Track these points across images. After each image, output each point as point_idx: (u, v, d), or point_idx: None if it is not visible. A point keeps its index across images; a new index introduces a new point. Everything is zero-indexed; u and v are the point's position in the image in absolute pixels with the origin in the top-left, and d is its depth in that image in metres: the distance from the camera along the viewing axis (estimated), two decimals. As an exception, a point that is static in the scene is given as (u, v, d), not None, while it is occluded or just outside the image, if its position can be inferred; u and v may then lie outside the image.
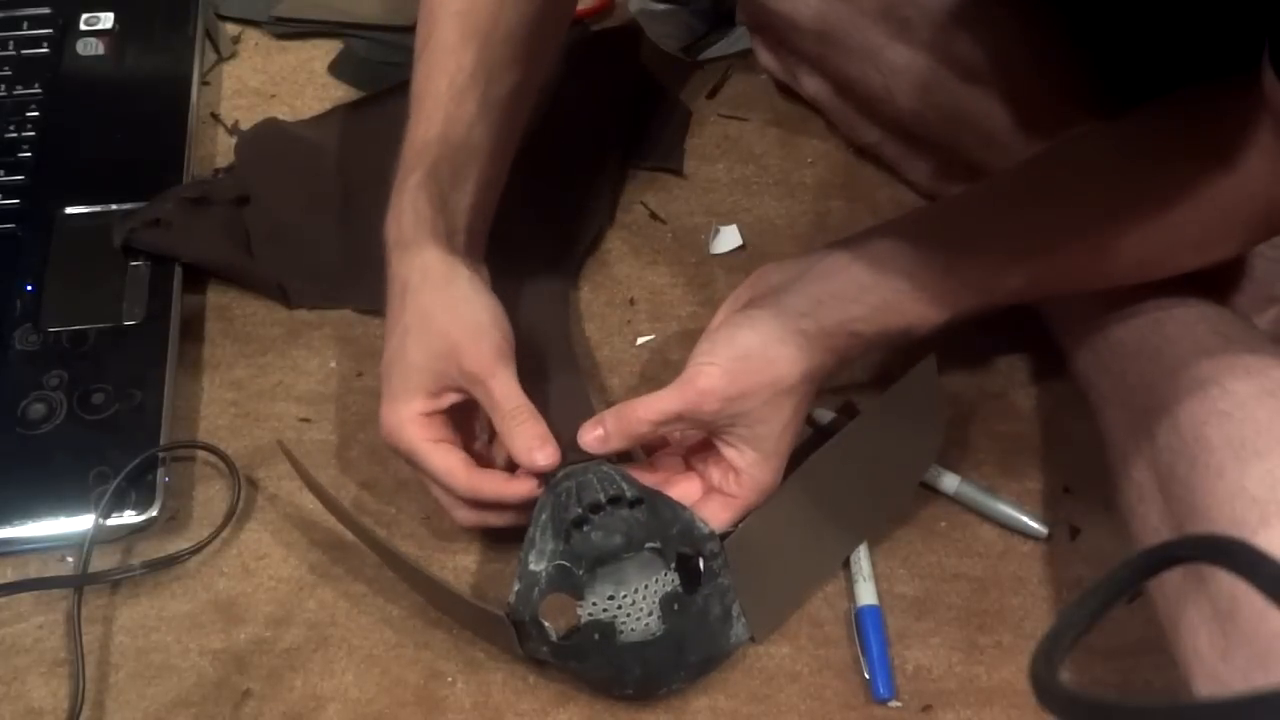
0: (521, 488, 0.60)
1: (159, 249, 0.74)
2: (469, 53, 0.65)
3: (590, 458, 0.60)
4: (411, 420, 0.60)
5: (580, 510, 0.57)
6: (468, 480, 0.59)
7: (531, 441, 0.59)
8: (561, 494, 0.58)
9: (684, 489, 0.62)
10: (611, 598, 0.58)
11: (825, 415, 0.69)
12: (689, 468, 0.64)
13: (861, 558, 0.64)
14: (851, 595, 0.64)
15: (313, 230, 0.78)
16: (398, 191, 0.64)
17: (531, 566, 0.58)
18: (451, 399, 0.61)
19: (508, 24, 0.65)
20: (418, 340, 0.60)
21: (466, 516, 0.62)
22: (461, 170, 0.65)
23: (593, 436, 0.60)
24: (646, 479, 0.61)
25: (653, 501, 0.59)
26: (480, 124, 0.65)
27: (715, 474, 0.62)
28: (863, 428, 0.64)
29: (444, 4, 0.66)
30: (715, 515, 0.61)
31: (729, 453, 0.60)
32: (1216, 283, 0.64)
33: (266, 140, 0.83)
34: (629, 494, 0.58)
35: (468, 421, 0.64)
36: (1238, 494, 0.50)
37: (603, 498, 0.58)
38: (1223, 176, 0.55)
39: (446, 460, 0.60)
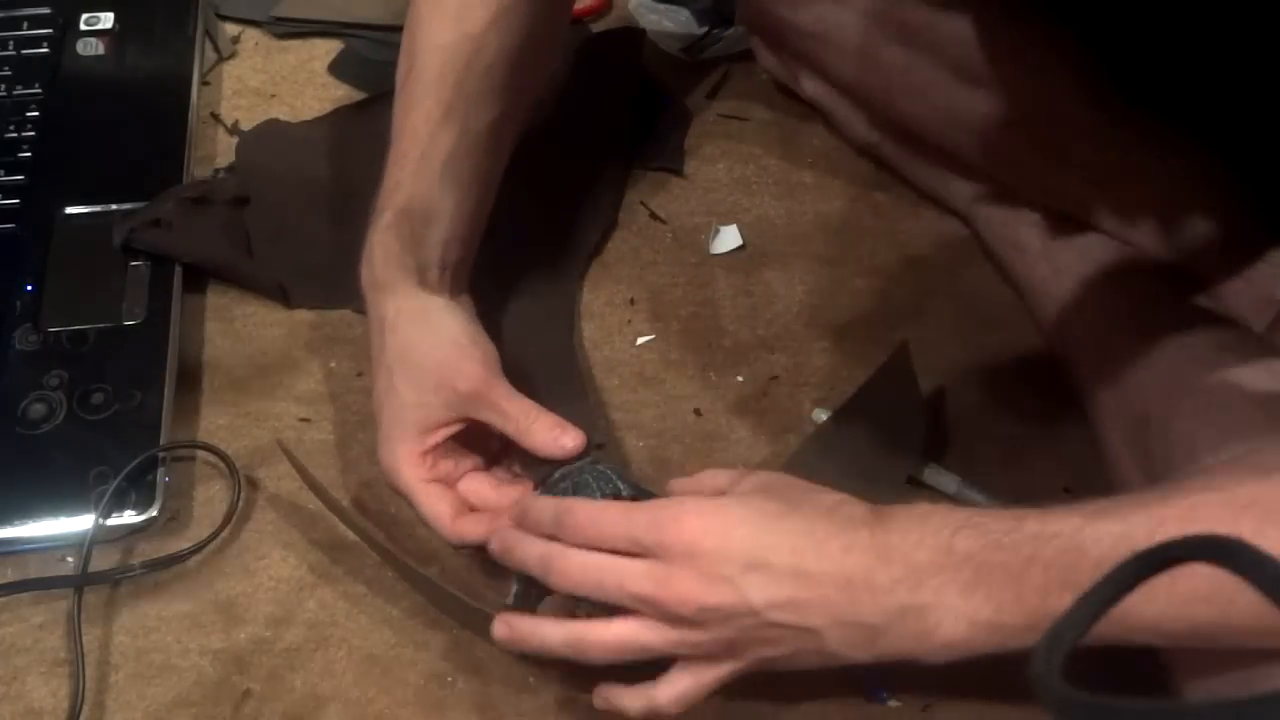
0: (501, 524, 0.58)
1: (159, 249, 0.74)
2: (448, 87, 0.64)
3: (585, 458, 0.60)
4: (406, 460, 0.60)
5: None
6: (453, 529, 0.60)
7: (553, 431, 0.59)
8: (559, 495, 0.58)
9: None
10: (611, 597, 0.57)
11: (821, 415, 0.69)
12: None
13: (861, 558, 0.64)
14: (851, 595, 0.64)
15: (313, 231, 0.78)
16: (371, 232, 0.65)
17: (531, 566, 0.58)
18: (446, 433, 0.61)
19: (489, 57, 0.65)
20: (404, 377, 0.61)
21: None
22: (435, 207, 0.65)
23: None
24: None
25: (649, 500, 0.59)
26: (457, 158, 0.65)
27: None
28: (843, 419, 0.65)
29: (425, 38, 0.66)
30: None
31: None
32: (1216, 289, 0.64)
33: (267, 141, 0.83)
34: (625, 493, 0.58)
35: (481, 440, 0.63)
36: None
37: (599, 497, 0.58)
38: None
39: (435, 507, 0.60)
